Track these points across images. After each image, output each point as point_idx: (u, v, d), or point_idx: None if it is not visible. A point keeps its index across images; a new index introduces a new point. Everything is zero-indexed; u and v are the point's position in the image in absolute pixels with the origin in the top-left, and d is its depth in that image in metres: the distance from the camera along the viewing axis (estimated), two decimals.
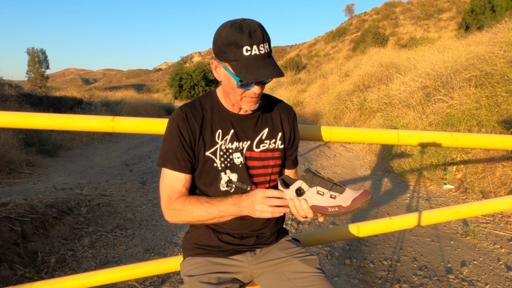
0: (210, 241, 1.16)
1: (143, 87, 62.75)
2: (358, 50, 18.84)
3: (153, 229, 3.20)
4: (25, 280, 2.22)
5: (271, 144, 1.18)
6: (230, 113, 1.15)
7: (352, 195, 0.94)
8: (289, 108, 1.26)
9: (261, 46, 0.98)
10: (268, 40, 1.00)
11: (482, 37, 6.77)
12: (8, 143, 5.04)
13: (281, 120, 1.21)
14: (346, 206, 0.93)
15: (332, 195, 0.95)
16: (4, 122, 1.32)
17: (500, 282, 2.31)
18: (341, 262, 2.60)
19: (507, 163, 3.74)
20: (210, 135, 1.12)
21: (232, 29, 0.97)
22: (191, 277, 1.09)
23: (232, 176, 1.13)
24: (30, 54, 35.34)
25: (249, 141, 1.15)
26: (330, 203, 0.95)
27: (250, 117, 1.16)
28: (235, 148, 1.13)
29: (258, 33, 0.97)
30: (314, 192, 0.96)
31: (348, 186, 0.99)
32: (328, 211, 0.95)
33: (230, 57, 0.98)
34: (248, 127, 1.16)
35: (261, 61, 0.98)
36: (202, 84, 29.33)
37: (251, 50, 0.96)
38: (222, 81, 1.08)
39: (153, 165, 5.86)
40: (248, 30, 0.97)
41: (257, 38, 0.97)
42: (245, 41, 0.96)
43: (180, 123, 1.10)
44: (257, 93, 1.04)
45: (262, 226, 1.18)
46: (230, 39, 0.97)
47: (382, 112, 6.94)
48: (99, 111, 10.40)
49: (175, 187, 1.10)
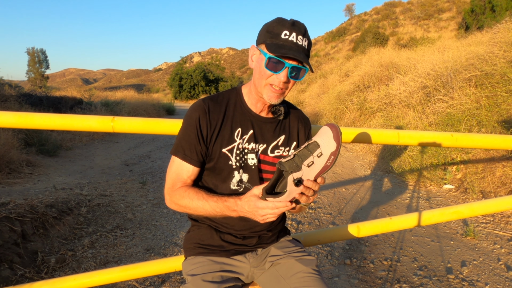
0: (213, 240, 1.17)
1: (143, 87, 62.77)
2: (358, 50, 18.84)
3: (153, 229, 3.20)
4: (25, 280, 2.22)
5: (285, 151, 1.19)
6: (252, 113, 1.15)
7: (328, 138, 0.95)
8: (306, 120, 1.28)
9: (300, 37, 1.01)
10: (308, 38, 1.04)
11: (482, 37, 6.77)
12: (8, 143, 5.04)
13: (298, 130, 1.22)
14: (335, 149, 0.95)
15: (318, 154, 0.95)
16: (4, 122, 1.32)
17: (500, 282, 2.31)
18: (341, 262, 2.60)
19: (507, 163, 3.74)
20: (229, 132, 1.12)
21: (277, 21, 1.03)
22: (194, 276, 1.09)
23: (244, 176, 1.14)
24: (30, 54, 35.35)
25: (265, 144, 1.16)
26: (323, 160, 0.95)
27: (270, 121, 1.17)
28: (251, 149, 1.13)
29: (301, 27, 1.02)
30: (307, 169, 0.95)
31: (319, 141, 0.97)
32: (329, 165, 0.96)
33: (268, 39, 1.02)
34: (267, 130, 1.16)
35: (295, 46, 1.00)
36: (202, 84, 29.34)
37: (290, 35, 1.00)
38: (254, 67, 1.09)
39: (153, 165, 5.86)
40: (292, 21, 1.02)
41: (298, 29, 1.01)
42: (286, 27, 1.00)
43: (201, 115, 1.09)
44: (282, 81, 1.03)
45: (264, 227, 1.18)
46: (273, 26, 1.03)
47: (382, 112, 6.94)
48: (99, 111, 10.39)
49: (181, 176, 1.11)
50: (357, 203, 3.94)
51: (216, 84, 30.51)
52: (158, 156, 6.60)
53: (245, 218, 1.12)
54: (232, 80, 34.29)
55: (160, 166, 5.71)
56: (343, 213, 3.63)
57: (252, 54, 1.10)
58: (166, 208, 3.68)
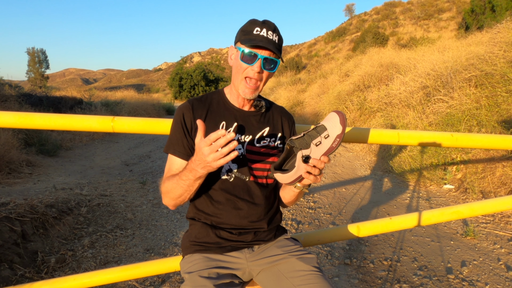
0: (208, 237, 1.18)
1: (143, 87, 62.78)
2: (358, 50, 18.84)
3: (153, 229, 3.20)
4: (25, 280, 2.22)
5: (271, 142, 1.24)
6: (235, 108, 1.23)
7: (334, 122, 1.03)
8: (289, 114, 1.35)
9: (270, 32, 1.11)
10: (279, 35, 1.14)
11: (482, 37, 6.77)
12: (8, 143, 5.04)
13: (282, 122, 1.29)
14: (341, 132, 1.02)
15: (325, 136, 1.03)
16: (4, 122, 1.32)
17: (500, 282, 2.31)
18: (341, 262, 2.60)
19: (507, 163, 3.74)
20: (214, 125, 1.18)
21: (250, 21, 1.15)
22: (190, 273, 1.10)
23: (233, 166, 1.18)
24: (30, 54, 35.36)
25: (251, 135, 1.21)
26: (330, 141, 1.03)
27: (254, 114, 1.24)
28: (237, 140, 1.17)
29: (271, 24, 1.13)
30: (315, 148, 1.03)
31: (323, 134, 1.04)
32: (334, 147, 1.03)
33: (242, 36, 1.13)
34: (251, 123, 1.22)
35: (265, 39, 1.10)
36: (202, 84, 29.32)
37: (261, 31, 1.11)
38: (232, 65, 1.19)
39: (153, 165, 5.86)
40: (263, 20, 1.14)
41: (268, 26, 1.12)
42: (257, 25, 1.12)
43: (185, 112, 1.18)
44: (256, 71, 1.11)
45: (259, 218, 1.20)
46: (246, 26, 1.14)
47: (382, 112, 6.94)
48: (99, 111, 10.40)
49: (172, 170, 1.17)
50: (357, 203, 3.94)
51: (216, 84, 30.50)
52: (158, 156, 6.60)
53: (237, 207, 1.17)
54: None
55: (160, 166, 5.71)
56: (343, 213, 3.63)
57: (231, 54, 1.20)
58: (166, 208, 3.68)
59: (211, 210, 1.18)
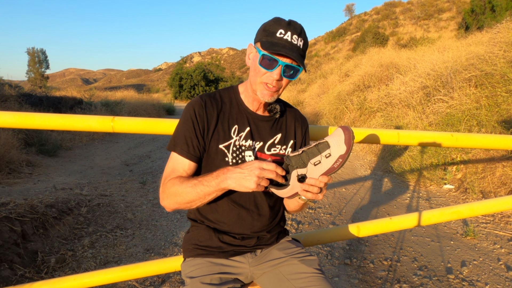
0: (211, 241, 1.16)
1: (143, 87, 62.77)
2: (358, 50, 18.85)
3: (153, 229, 3.20)
4: (25, 280, 2.21)
5: (281, 150, 1.18)
6: (249, 111, 1.16)
7: (339, 140, 0.95)
8: (304, 119, 1.27)
9: (295, 36, 1.01)
10: (304, 39, 1.04)
11: (482, 37, 6.77)
12: (8, 143, 5.04)
13: (295, 129, 1.23)
14: (344, 152, 0.94)
15: (326, 155, 0.95)
16: (4, 122, 1.31)
17: (500, 282, 2.31)
18: (341, 262, 2.60)
19: (507, 163, 3.74)
20: (226, 128, 1.12)
21: (274, 20, 1.04)
22: (192, 278, 1.09)
23: None
24: (30, 54, 35.36)
25: (262, 142, 1.16)
26: (331, 162, 0.95)
27: (267, 120, 1.17)
28: (248, 146, 1.13)
29: (297, 27, 1.02)
30: (312, 168, 0.95)
31: (329, 141, 0.96)
32: (336, 167, 0.95)
33: (263, 37, 1.03)
34: (264, 128, 1.16)
35: (289, 44, 1.00)
36: (202, 84, 29.32)
37: (285, 34, 1.00)
38: (250, 65, 1.10)
39: (153, 165, 5.86)
40: (288, 20, 1.02)
41: (294, 29, 1.01)
42: (282, 26, 1.01)
43: (198, 109, 1.09)
44: (275, 78, 1.03)
45: (262, 228, 1.17)
46: (269, 25, 1.03)
47: (382, 112, 6.94)
48: (99, 111, 10.39)
49: (176, 170, 1.09)
50: (357, 203, 3.94)
51: (216, 84, 30.49)
52: (158, 156, 6.60)
53: (241, 217, 1.12)
54: (232, 80, 34.29)
55: (160, 166, 5.71)
56: (343, 213, 3.63)
57: (249, 52, 1.11)
58: None
59: (214, 217, 1.15)
